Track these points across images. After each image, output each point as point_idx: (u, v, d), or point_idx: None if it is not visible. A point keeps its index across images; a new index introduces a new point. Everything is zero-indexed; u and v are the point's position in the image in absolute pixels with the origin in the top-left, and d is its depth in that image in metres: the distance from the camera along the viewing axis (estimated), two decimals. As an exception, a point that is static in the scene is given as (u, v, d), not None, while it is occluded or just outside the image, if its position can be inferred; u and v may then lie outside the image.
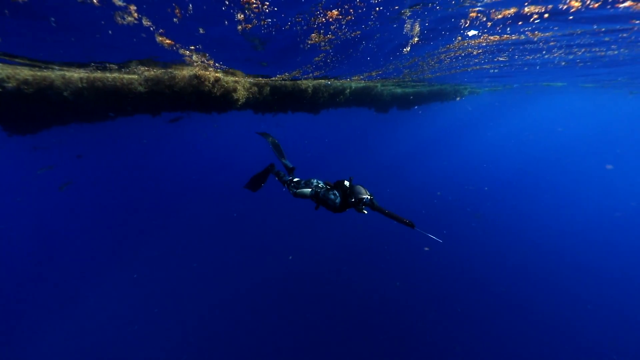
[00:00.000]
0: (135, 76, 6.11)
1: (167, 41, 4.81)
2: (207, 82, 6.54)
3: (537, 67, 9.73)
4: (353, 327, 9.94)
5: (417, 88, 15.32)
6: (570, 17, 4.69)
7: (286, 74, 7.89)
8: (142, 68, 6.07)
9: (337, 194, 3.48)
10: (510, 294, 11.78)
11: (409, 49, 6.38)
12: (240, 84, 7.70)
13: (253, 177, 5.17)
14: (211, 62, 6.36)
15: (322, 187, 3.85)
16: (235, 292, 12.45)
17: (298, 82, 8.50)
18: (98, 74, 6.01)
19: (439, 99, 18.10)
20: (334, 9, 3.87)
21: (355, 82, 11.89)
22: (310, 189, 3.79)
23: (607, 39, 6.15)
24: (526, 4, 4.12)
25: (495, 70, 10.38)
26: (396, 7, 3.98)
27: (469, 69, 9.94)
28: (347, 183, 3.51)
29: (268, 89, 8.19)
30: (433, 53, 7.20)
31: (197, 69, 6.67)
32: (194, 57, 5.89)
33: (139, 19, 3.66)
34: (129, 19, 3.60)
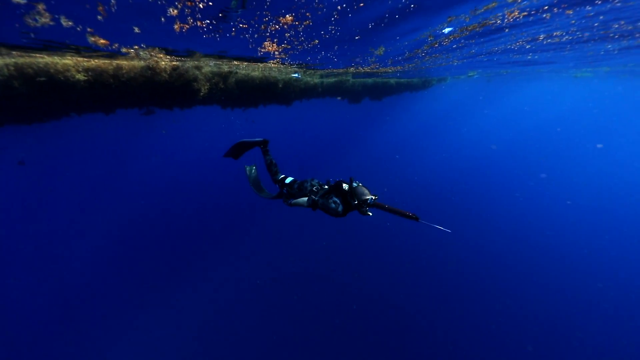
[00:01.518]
0: (71, 61, 5.24)
1: (102, 41, 4.29)
2: (163, 73, 5.95)
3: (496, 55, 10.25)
4: (351, 323, 9.89)
5: (385, 79, 15.53)
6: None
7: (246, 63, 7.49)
8: (80, 59, 5.36)
9: (338, 201, 3.16)
10: (497, 287, 11.69)
11: (374, 59, 6.42)
12: (202, 72, 7.18)
13: (237, 144, 4.49)
14: (161, 56, 5.82)
15: (317, 189, 3.57)
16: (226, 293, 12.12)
17: (267, 75, 8.13)
18: (27, 59, 5.18)
19: (408, 89, 18.56)
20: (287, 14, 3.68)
21: (326, 79, 11.76)
22: (306, 199, 3.43)
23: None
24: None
25: (463, 61, 10.76)
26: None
27: (442, 64, 10.25)
28: (345, 186, 3.20)
29: (233, 80, 7.73)
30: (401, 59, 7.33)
31: (150, 60, 6.05)
32: (142, 54, 5.33)
33: (56, 19, 3.22)
34: (43, 20, 3.16)
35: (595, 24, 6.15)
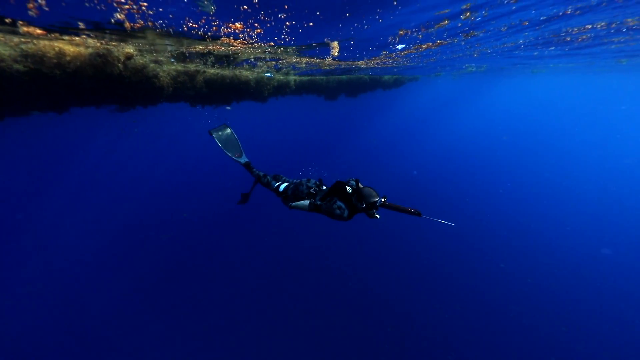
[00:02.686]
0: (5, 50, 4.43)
1: (39, 31, 3.85)
2: (117, 63, 5.37)
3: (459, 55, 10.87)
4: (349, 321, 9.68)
5: (359, 75, 15.79)
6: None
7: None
8: (16, 39, 4.67)
9: (343, 206, 2.92)
10: (482, 283, 11.46)
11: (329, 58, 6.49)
12: (164, 70, 6.74)
13: (243, 194, 4.51)
14: (114, 44, 5.33)
15: (315, 190, 3.41)
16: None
17: (237, 73, 7.84)
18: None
19: (382, 86, 19.05)
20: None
21: (299, 77, 11.66)
22: (308, 202, 3.21)
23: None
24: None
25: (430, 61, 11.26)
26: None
27: (402, 64, 10.61)
28: (349, 188, 3.00)
29: (201, 79, 7.36)
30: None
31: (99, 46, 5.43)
32: (90, 42, 4.85)
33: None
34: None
35: (538, 36, 6.81)
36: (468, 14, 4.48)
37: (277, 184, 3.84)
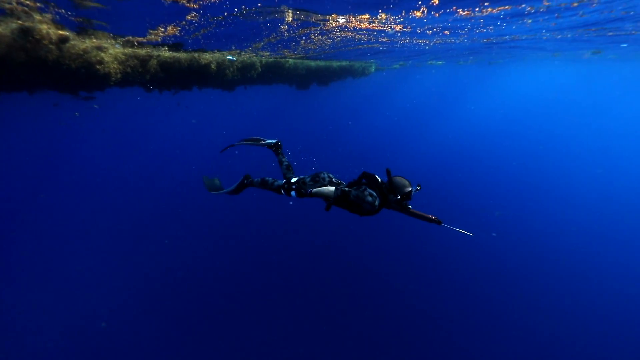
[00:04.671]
0: None
1: None
2: (49, 44, 4.71)
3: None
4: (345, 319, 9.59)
5: (327, 62, 15.66)
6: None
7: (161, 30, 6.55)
8: None
9: (375, 194, 2.68)
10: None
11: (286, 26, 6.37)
12: (109, 54, 6.07)
13: (223, 194, 3.98)
14: (49, 17, 4.64)
15: (337, 181, 3.12)
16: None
17: (196, 56, 7.28)
18: None
19: (351, 74, 19.11)
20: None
21: (265, 57, 11.19)
22: (333, 188, 2.87)
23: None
24: None
25: (383, 48, 11.44)
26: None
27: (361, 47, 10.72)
28: (379, 178, 2.80)
29: (155, 62, 6.75)
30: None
31: (27, 21, 4.70)
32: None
33: None
34: None
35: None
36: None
37: (285, 180, 3.45)
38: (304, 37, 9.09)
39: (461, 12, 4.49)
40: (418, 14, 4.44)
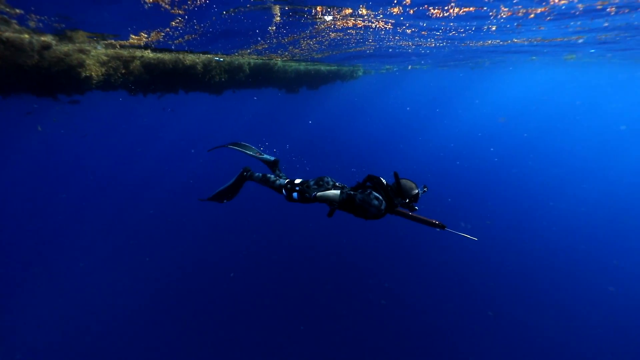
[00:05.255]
0: None
1: None
2: (29, 51, 4.59)
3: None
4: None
5: (316, 66, 15.79)
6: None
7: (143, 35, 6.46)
8: None
9: (380, 197, 2.62)
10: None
11: (274, 27, 6.43)
12: (91, 56, 5.90)
13: (221, 190, 3.79)
14: (32, 24, 4.51)
15: (340, 185, 3.07)
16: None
17: (180, 57, 7.17)
18: None
19: (340, 78, 19.34)
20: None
21: (252, 59, 11.17)
22: (338, 192, 2.80)
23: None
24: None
25: (370, 51, 11.65)
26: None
27: (350, 50, 10.90)
28: (384, 181, 2.76)
29: (138, 63, 6.60)
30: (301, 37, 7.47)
31: (6, 32, 4.59)
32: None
33: None
34: None
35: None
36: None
37: (288, 180, 3.37)
38: (291, 45, 9.22)
39: (432, 10, 4.68)
40: (396, 10, 4.59)
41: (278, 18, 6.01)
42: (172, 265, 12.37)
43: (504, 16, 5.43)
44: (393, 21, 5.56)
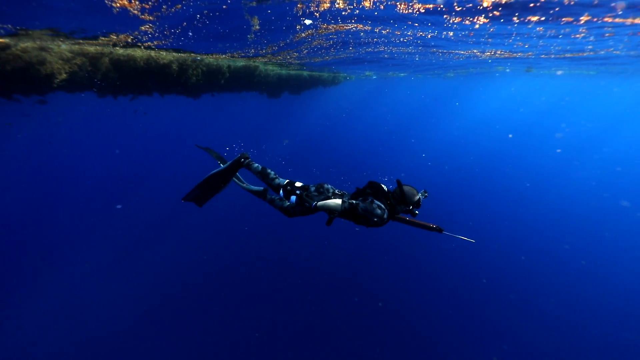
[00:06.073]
0: None
1: None
2: None
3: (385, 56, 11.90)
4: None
5: (298, 71, 15.86)
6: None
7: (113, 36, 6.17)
8: None
9: (382, 205, 2.59)
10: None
11: (252, 36, 6.45)
12: (53, 53, 5.50)
13: (213, 175, 3.44)
14: None
15: (340, 192, 3.00)
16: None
17: (153, 54, 6.85)
18: None
19: (322, 83, 19.57)
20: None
21: (233, 63, 11.00)
22: (340, 201, 2.68)
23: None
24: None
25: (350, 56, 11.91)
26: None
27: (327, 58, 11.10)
28: (385, 187, 2.74)
29: (107, 60, 6.22)
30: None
31: None
32: None
33: None
34: None
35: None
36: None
37: (287, 180, 3.21)
38: (270, 53, 9.18)
39: (400, 6, 4.84)
40: (367, 4, 4.70)
41: (257, 27, 5.96)
42: (171, 266, 12.29)
43: (456, 21, 5.76)
44: (363, 16, 5.69)
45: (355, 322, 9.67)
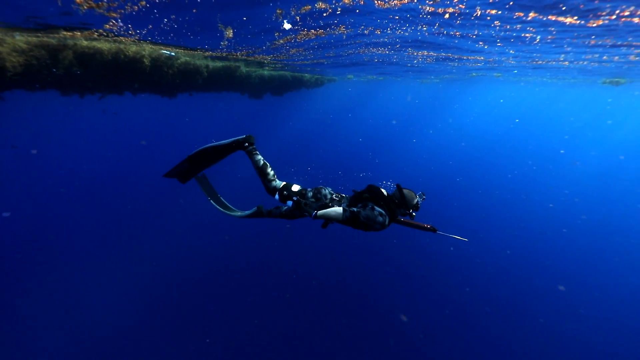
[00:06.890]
0: None
1: None
2: None
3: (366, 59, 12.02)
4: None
5: (280, 72, 15.71)
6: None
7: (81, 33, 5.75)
8: None
9: (383, 212, 2.57)
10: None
11: (226, 42, 6.32)
12: (5, 45, 5.00)
13: (208, 148, 3.26)
14: None
15: (338, 197, 2.94)
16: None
17: (122, 47, 6.40)
18: None
19: (305, 85, 19.51)
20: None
21: (212, 63, 10.65)
22: (340, 209, 2.60)
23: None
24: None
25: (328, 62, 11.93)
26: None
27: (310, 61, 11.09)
28: (384, 191, 2.72)
29: (70, 53, 5.75)
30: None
31: None
32: None
33: None
34: None
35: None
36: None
37: (284, 183, 3.09)
38: (246, 56, 8.95)
39: (377, 2, 4.77)
40: (347, 0, 4.65)
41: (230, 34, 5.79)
42: (171, 265, 12.10)
43: (429, 10, 5.58)
44: (352, 20, 5.66)
45: (349, 324, 9.68)
